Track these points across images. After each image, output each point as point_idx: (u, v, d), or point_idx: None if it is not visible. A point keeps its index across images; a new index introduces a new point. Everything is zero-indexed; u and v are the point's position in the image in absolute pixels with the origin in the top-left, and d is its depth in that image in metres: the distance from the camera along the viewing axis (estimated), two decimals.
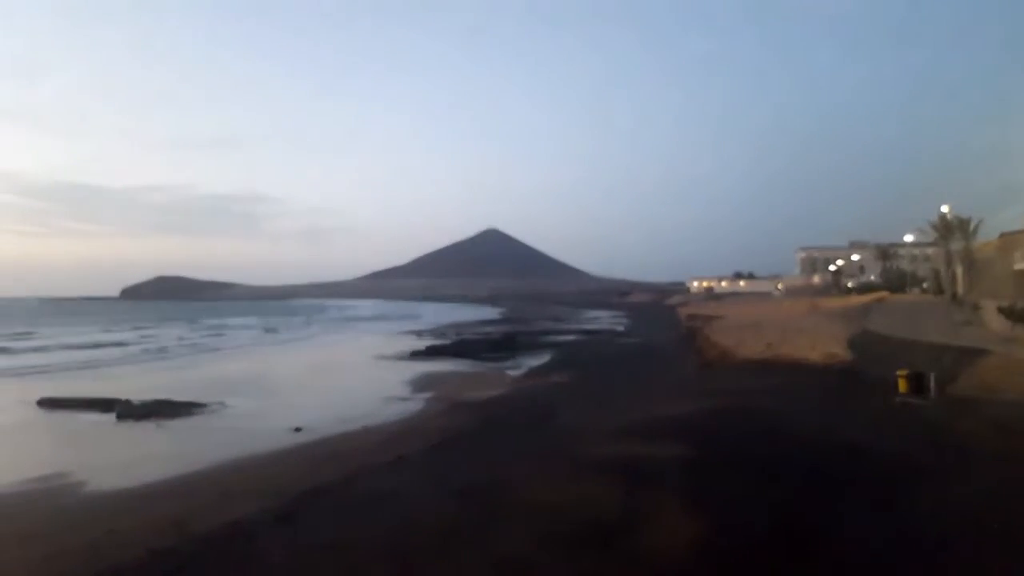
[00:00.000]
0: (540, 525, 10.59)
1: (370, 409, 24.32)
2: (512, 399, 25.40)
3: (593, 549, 9.58)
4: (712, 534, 9.93)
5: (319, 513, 11.96)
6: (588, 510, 11.21)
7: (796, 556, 9.18)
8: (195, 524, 11.65)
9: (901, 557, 9.06)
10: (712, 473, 13.20)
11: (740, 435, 16.37)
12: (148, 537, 11.04)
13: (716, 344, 36.39)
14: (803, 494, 11.64)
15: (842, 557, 9.13)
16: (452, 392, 27.88)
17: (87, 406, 24.82)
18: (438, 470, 14.66)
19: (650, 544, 9.67)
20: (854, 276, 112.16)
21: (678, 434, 16.43)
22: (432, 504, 12.07)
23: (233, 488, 14.26)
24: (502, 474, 13.79)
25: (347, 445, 18.23)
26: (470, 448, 16.86)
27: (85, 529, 11.83)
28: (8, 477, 15.85)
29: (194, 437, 20.46)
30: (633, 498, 11.74)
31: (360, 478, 14.23)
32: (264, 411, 24.72)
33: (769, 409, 19.57)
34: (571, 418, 20.10)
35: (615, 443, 16.04)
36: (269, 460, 17.12)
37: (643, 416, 19.30)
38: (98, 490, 14.94)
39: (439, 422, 20.90)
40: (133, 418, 22.99)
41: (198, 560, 9.92)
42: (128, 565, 9.82)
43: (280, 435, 20.01)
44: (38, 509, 13.43)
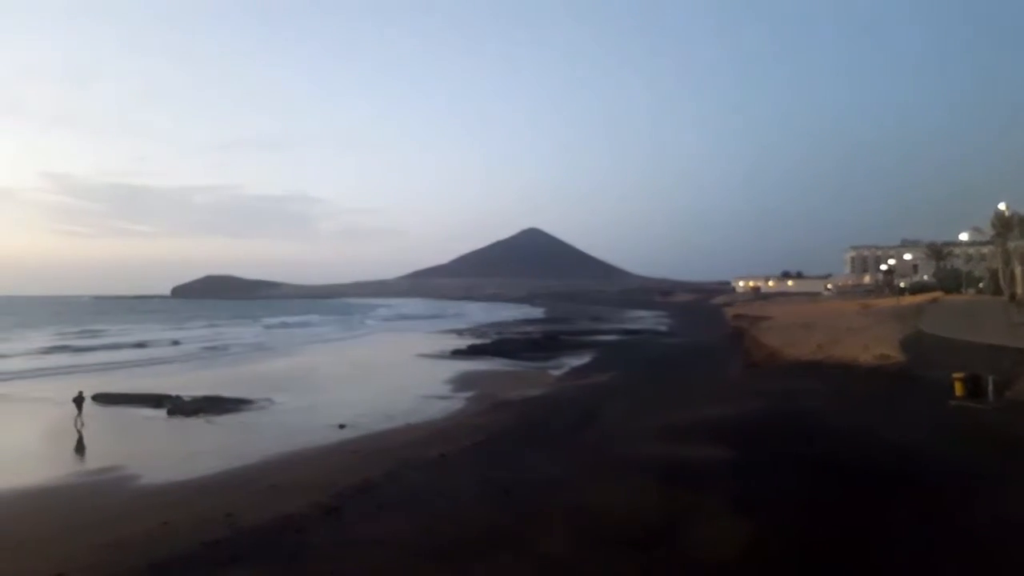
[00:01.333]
0: (583, 525, 10.52)
1: (412, 407, 24.52)
2: (554, 399, 25.33)
3: (637, 550, 9.48)
4: (758, 536, 9.75)
5: (365, 508, 12.09)
6: (631, 511, 11.10)
7: (845, 560, 8.95)
8: (245, 517, 11.88)
9: (954, 566, 8.77)
10: (759, 475, 12.95)
11: (788, 437, 16.03)
12: (200, 529, 11.29)
13: (763, 345, 35.78)
14: (853, 499, 11.34)
15: (893, 563, 8.87)
16: (493, 391, 27.93)
17: (139, 402, 25.55)
18: (480, 468, 14.68)
19: (695, 546, 9.53)
20: (906, 276, 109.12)
21: (724, 436, 16.17)
22: (475, 502, 12.09)
23: (281, 482, 14.51)
24: (544, 474, 13.76)
25: (390, 442, 18.40)
26: (512, 447, 16.85)
27: (140, 520, 12.15)
28: (66, 470, 16.42)
29: (243, 433, 20.88)
30: (677, 499, 11.58)
31: (404, 474, 14.34)
32: (310, 408, 25.12)
33: (818, 411, 19.14)
34: (614, 418, 19.96)
35: (659, 444, 15.87)
36: (315, 455, 17.38)
37: (687, 417, 19.05)
38: (152, 483, 15.37)
39: (481, 421, 20.96)
40: (183, 414, 23.58)
41: (249, 552, 10.10)
42: (182, 556, 10.05)
43: (325, 431, 20.31)
44: (95, 501, 13.87)
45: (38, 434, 21.40)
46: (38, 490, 14.68)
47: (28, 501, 13.85)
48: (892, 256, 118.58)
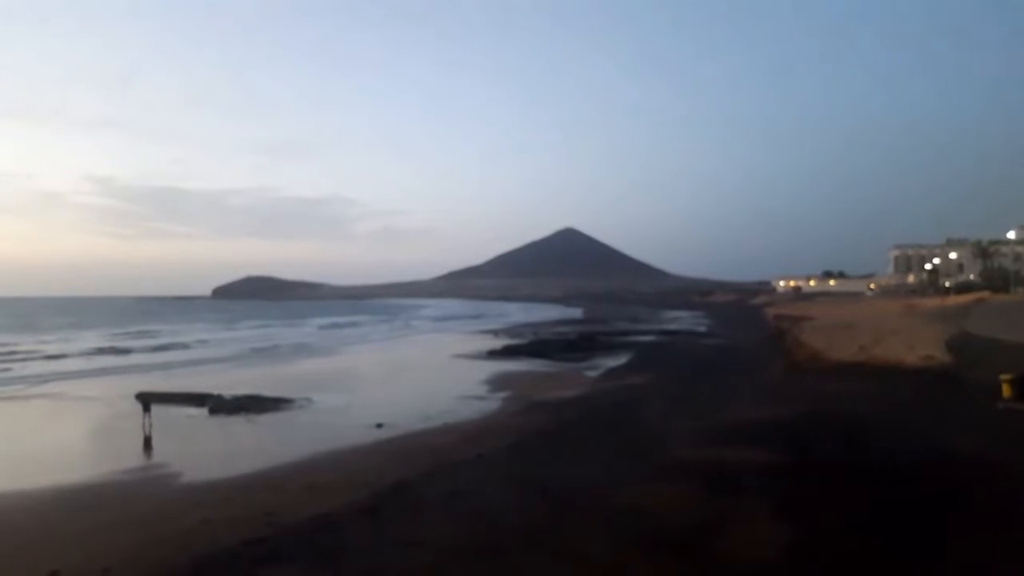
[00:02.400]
0: (620, 528, 10.43)
1: (448, 407, 24.60)
2: (590, 400, 25.19)
3: (676, 553, 9.35)
4: (798, 541, 9.55)
5: (402, 508, 12.15)
6: (670, 514, 10.97)
7: (891, 565, 8.71)
8: (284, 515, 12.02)
9: (1005, 573, 8.47)
10: (800, 479, 12.71)
11: (830, 440, 15.70)
12: (240, 527, 11.46)
13: (805, 346, 35.10)
14: (897, 504, 11.04)
15: (941, 569, 8.60)
16: (529, 392, 27.88)
17: (182, 400, 26.06)
18: (516, 469, 14.66)
19: (735, 550, 9.38)
20: (951, 275, 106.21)
21: (764, 438, 15.91)
22: (511, 503, 12.07)
23: (320, 481, 14.66)
24: (581, 475, 13.68)
25: (427, 442, 18.47)
26: (548, 448, 16.79)
27: (181, 518, 12.37)
28: (108, 467, 16.80)
29: (282, 431, 21.17)
30: (716, 503, 11.42)
31: (441, 475, 14.38)
32: (348, 407, 25.39)
33: (862, 413, 18.72)
34: (651, 420, 19.77)
35: (697, 446, 15.68)
36: (353, 455, 17.53)
37: (727, 419, 18.79)
38: (193, 481, 15.64)
39: (516, 421, 20.94)
40: (225, 412, 24.00)
41: (287, 550, 10.20)
42: (221, 554, 10.20)
43: (363, 431, 20.48)
44: (137, 498, 14.15)
45: (86, 432, 21.99)
46: (85, 487, 15.04)
47: (76, 497, 14.19)
48: (937, 255, 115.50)
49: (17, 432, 22.17)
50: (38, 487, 14.94)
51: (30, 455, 18.64)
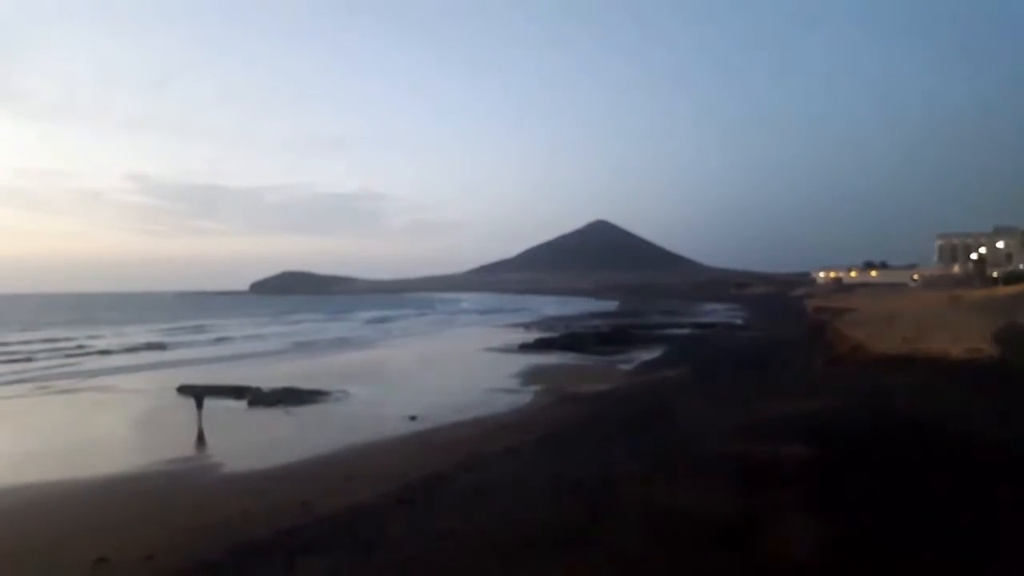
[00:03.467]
0: (655, 523, 10.31)
1: (480, 400, 24.67)
2: (623, 394, 25.03)
3: (711, 550, 9.22)
4: (837, 539, 9.33)
5: (436, 499, 12.21)
6: (705, 510, 10.81)
7: (935, 566, 8.46)
8: (320, 506, 12.19)
9: None
10: (839, 475, 12.41)
11: (871, 436, 15.32)
12: (278, 516, 11.66)
13: (846, 338, 34.38)
14: (942, 501, 10.72)
15: (994, 571, 8.33)
16: (561, 385, 27.81)
17: (222, 393, 26.55)
18: (549, 463, 14.61)
19: (772, 547, 9.21)
20: (999, 265, 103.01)
21: (802, 433, 15.59)
22: (544, 497, 12.03)
23: (355, 472, 14.83)
24: (614, 470, 13.57)
25: (460, 434, 18.55)
26: (580, 442, 16.70)
27: (221, 507, 12.63)
28: (152, 457, 17.20)
29: (318, 423, 21.44)
30: (753, 499, 11.22)
31: (473, 467, 14.41)
32: (382, 400, 25.62)
33: (904, 408, 18.25)
34: (686, 414, 19.54)
35: (733, 441, 15.44)
36: (387, 446, 17.69)
37: (764, 414, 18.48)
38: (233, 471, 15.95)
39: (549, 415, 20.88)
40: (263, 405, 24.39)
41: (324, 540, 10.34)
42: (260, 542, 10.38)
43: (397, 423, 20.65)
44: (179, 488, 14.50)
45: (132, 424, 22.51)
46: (131, 476, 15.46)
47: (122, 487, 14.60)
48: (984, 244, 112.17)
49: (68, 424, 22.81)
50: (87, 476, 15.40)
51: (80, 446, 19.18)
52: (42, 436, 20.70)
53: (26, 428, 22.14)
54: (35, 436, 20.75)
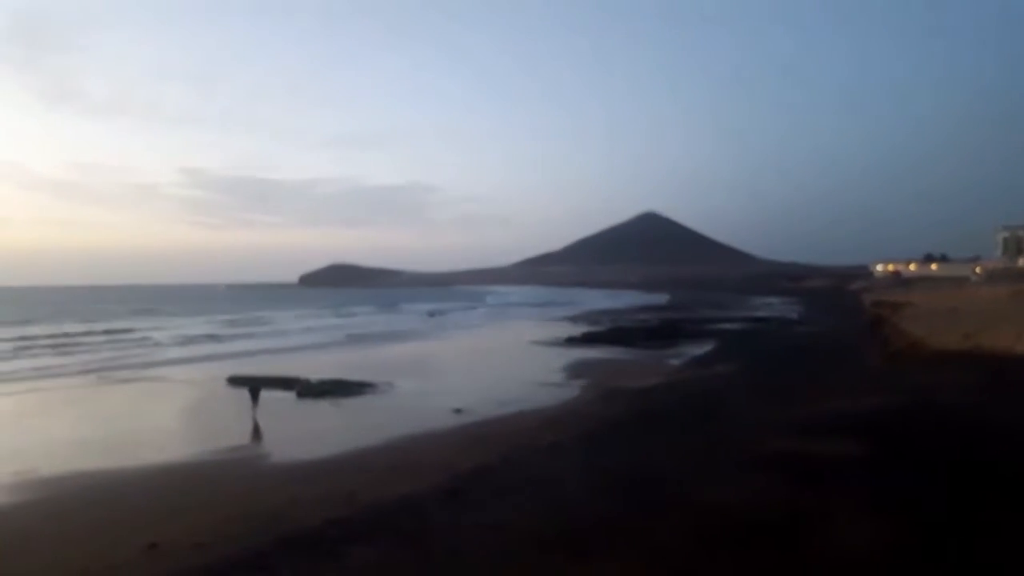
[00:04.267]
0: (702, 521, 10.09)
1: (526, 393, 24.60)
2: (672, 389, 24.64)
3: (761, 549, 8.97)
4: (893, 540, 8.99)
5: (481, 492, 12.19)
6: (755, 508, 10.54)
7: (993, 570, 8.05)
8: (366, 496, 12.30)
9: None
10: (896, 475, 11.98)
11: (931, 434, 14.75)
12: (324, 507, 11.79)
13: (904, 334, 33.27)
14: (1004, 505, 10.20)
15: None
16: (608, 380, 27.55)
17: (271, 384, 27.06)
18: (594, 458, 14.47)
19: (823, 547, 8.92)
20: None
21: (859, 431, 15.12)
22: (589, 491, 11.90)
23: (401, 464, 14.93)
24: (661, 466, 13.36)
25: (505, 428, 18.51)
26: (627, 438, 16.49)
27: (269, 496, 12.85)
28: (202, 447, 17.62)
29: (365, 415, 21.67)
30: (805, 497, 10.90)
31: (518, 461, 14.35)
32: (428, 392, 25.78)
33: (966, 406, 17.52)
34: (736, 411, 19.13)
35: (785, 438, 15.05)
36: (433, 439, 17.77)
37: (818, 411, 17.99)
38: (281, 461, 16.22)
39: (595, 409, 20.69)
40: (311, 396, 24.78)
41: (370, 530, 10.41)
42: (307, 531, 10.51)
43: (442, 415, 20.73)
44: (229, 477, 14.78)
45: (184, 413, 23.10)
46: (182, 465, 15.84)
47: (173, 475, 14.97)
48: None
49: (124, 413, 23.51)
50: (139, 464, 15.84)
51: (134, 435, 19.75)
52: (99, 425, 21.38)
53: (85, 417, 22.92)
54: (93, 425, 21.45)
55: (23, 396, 27.05)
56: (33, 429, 20.73)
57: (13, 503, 13.23)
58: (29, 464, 15.87)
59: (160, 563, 9.63)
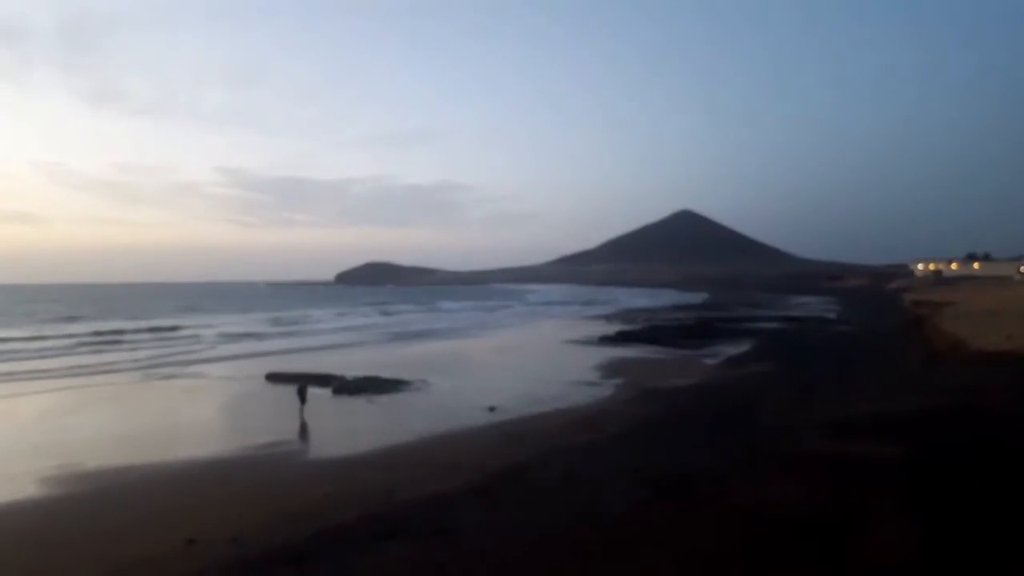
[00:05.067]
0: (737, 521, 9.98)
1: (560, 392, 24.56)
2: (707, 388, 24.40)
3: (798, 551, 8.85)
4: (932, 542, 8.79)
5: (515, 491, 12.22)
6: (792, 510, 10.39)
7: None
8: (401, 493, 12.42)
9: None
10: (936, 476, 11.70)
11: (971, 436, 14.38)
12: (360, 502, 11.94)
13: (945, 334, 32.48)
14: None
15: None
16: (643, 379, 27.37)
17: (307, 381, 27.42)
18: (629, 457, 14.39)
19: (862, 550, 8.76)
20: None
21: (898, 432, 14.83)
22: (625, 493, 11.85)
23: (435, 461, 15.03)
24: (697, 467, 13.24)
25: (539, 426, 18.51)
26: (663, 438, 16.38)
27: (305, 492, 13.04)
28: (240, 442, 17.92)
29: (400, 412, 21.84)
30: (844, 499, 10.73)
31: (553, 460, 14.35)
32: (462, 390, 25.88)
33: (1008, 408, 17.04)
34: (773, 411, 18.87)
35: (823, 439, 14.82)
36: (467, 437, 17.84)
37: (857, 412, 17.67)
38: (317, 457, 16.46)
39: (630, 409, 20.58)
40: (347, 393, 25.07)
41: (404, 527, 10.49)
42: (342, 527, 10.65)
43: (476, 413, 20.81)
44: (265, 472, 15.00)
45: (223, 410, 23.52)
46: (219, 460, 16.12)
47: (210, 470, 15.22)
48: None
49: (165, 409, 24.02)
50: (178, 460, 16.16)
51: (173, 430, 20.15)
52: (141, 420, 21.84)
53: (128, 412, 23.41)
54: (135, 420, 21.91)
55: (71, 392, 27.82)
56: (78, 424, 21.29)
57: (57, 496, 13.59)
58: (74, 458, 16.32)
59: (198, 557, 9.81)
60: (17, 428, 20.82)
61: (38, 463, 15.89)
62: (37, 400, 25.79)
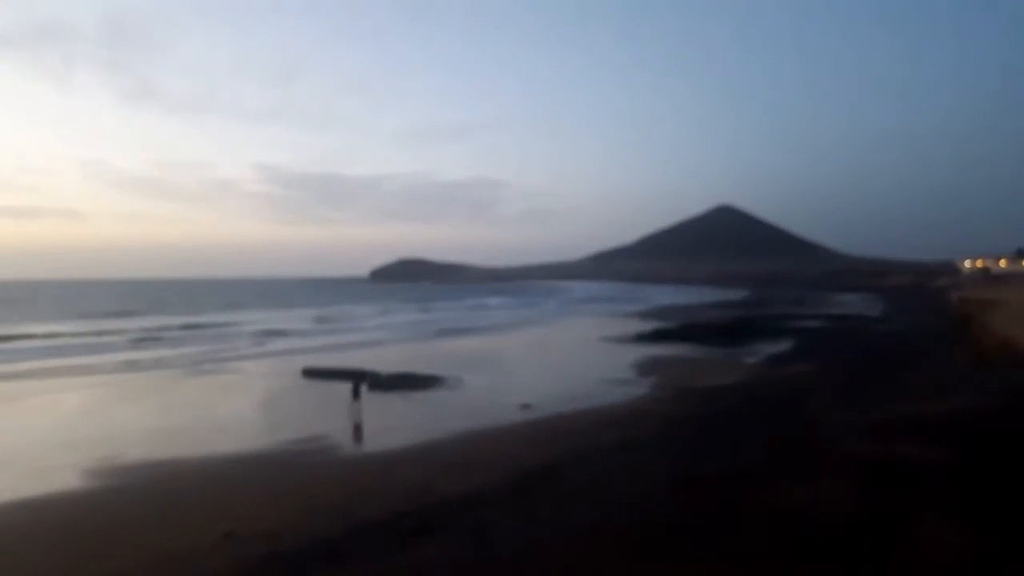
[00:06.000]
0: (776, 525, 9.76)
1: (594, 390, 24.40)
2: (746, 388, 23.99)
3: (837, 558, 8.61)
4: (980, 548, 8.46)
5: (548, 490, 12.13)
6: (832, 515, 10.13)
7: None
8: (435, 490, 12.43)
9: None
10: (984, 480, 11.29)
11: (1021, 441, 13.85)
12: (393, 499, 11.99)
13: (993, 333, 31.44)
14: None
15: None
16: (680, 378, 27.05)
17: (342, 377, 27.72)
18: (665, 458, 14.20)
19: (904, 558, 8.48)
20: None
21: (943, 435, 14.37)
22: (659, 494, 11.68)
23: (468, 459, 15.02)
24: (734, 468, 12.99)
25: (573, 425, 18.39)
26: (700, 438, 16.13)
27: (340, 488, 13.15)
28: (276, 437, 18.18)
29: (434, 409, 21.92)
30: (886, 504, 10.41)
31: (587, 459, 14.23)
32: (496, 387, 25.88)
33: None
34: (814, 412, 18.47)
35: (865, 441, 14.44)
36: (501, 434, 17.81)
37: (900, 413, 17.19)
38: (351, 453, 16.58)
39: (667, 408, 20.33)
40: (381, 389, 25.26)
41: (438, 524, 10.49)
42: (376, 523, 10.70)
43: (510, 411, 20.78)
44: (300, 467, 15.18)
45: (260, 405, 23.89)
46: (256, 455, 16.35)
47: (248, 465, 15.45)
48: None
49: (203, 403, 24.47)
50: (215, 454, 16.43)
51: (212, 425, 20.51)
52: (182, 414, 22.28)
53: (170, 406, 23.92)
54: (176, 414, 22.37)
55: (116, 386, 28.53)
56: (122, 417, 21.83)
57: (99, 487, 13.91)
58: (116, 450, 16.73)
59: (236, 551, 9.93)
60: (63, 421, 21.42)
61: (81, 455, 16.33)
62: (83, 394, 26.53)
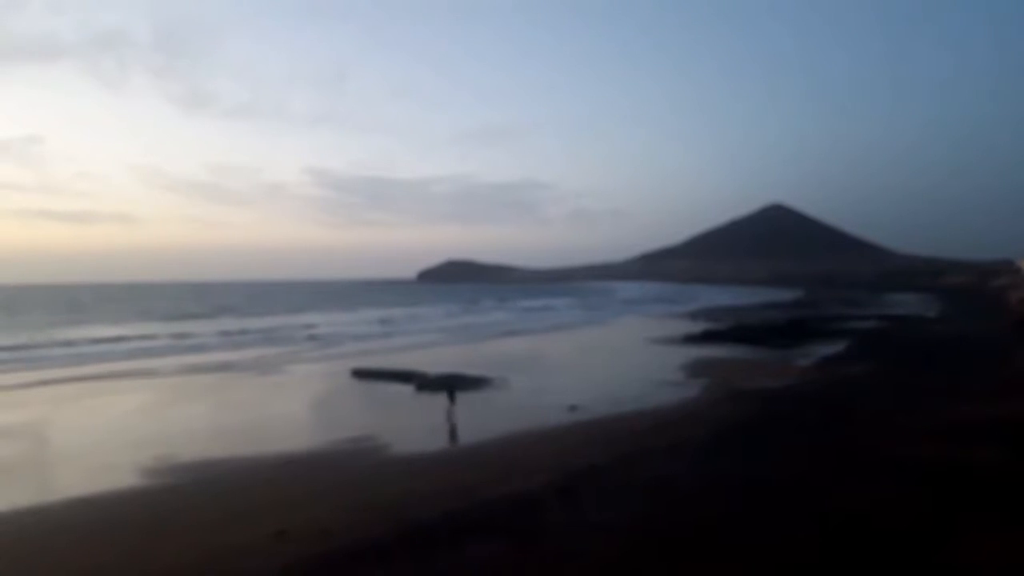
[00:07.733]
0: (831, 531, 9.50)
1: (643, 392, 24.11)
2: (799, 391, 23.40)
3: (895, 563, 8.32)
4: None
5: (597, 492, 12.06)
6: (889, 518, 9.84)
7: None
8: (483, 491, 12.46)
9: None
10: None
11: None
12: (441, 499, 12.06)
13: None
14: None
15: None
16: (730, 379, 26.54)
17: (392, 378, 27.95)
18: (714, 461, 13.95)
19: (962, 562, 8.15)
20: None
21: (1002, 437, 13.88)
22: (708, 497, 11.50)
23: (516, 460, 15.02)
24: (785, 472, 12.72)
25: (621, 427, 18.21)
26: (751, 441, 15.80)
27: (389, 487, 13.29)
28: (327, 437, 18.46)
29: (481, 410, 21.96)
30: (942, 508, 10.07)
31: (635, 461, 14.08)
32: (543, 388, 25.79)
33: None
34: (870, 414, 17.95)
35: (923, 444, 14.01)
36: (547, 436, 17.75)
37: (957, 415, 16.63)
38: (400, 453, 16.71)
39: (717, 411, 19.97)
40: (429, 390, 25.40)
41: (486, 525, 10.54)
42: (425, 522, 10.78)
43: (557, 412, 20.68)
44: (351, 467, 15.38)
45: (313, 405, 24.28)
46: (307, 454, 16.62)
47: (299, 464, 15.71)
48: None
49: (256, 404, 24.93)
50: (267, 453, 16.76)
51: (265, 425, 20.92)
52: (235, 415, 22.77)
53: (224, 407, 24.43)
54: (230, 414, 22.88)
55: (176, 388, 29.32)
56: (180, 417, 22.44)
57: (154, 486, 14.31)
58: (173, 449, 17.20)
59: (287, 549, 10.10)
60: (125, 421, 22.08)
61: (140, 454, 16.82)
62: (145, 395, 27.25)
